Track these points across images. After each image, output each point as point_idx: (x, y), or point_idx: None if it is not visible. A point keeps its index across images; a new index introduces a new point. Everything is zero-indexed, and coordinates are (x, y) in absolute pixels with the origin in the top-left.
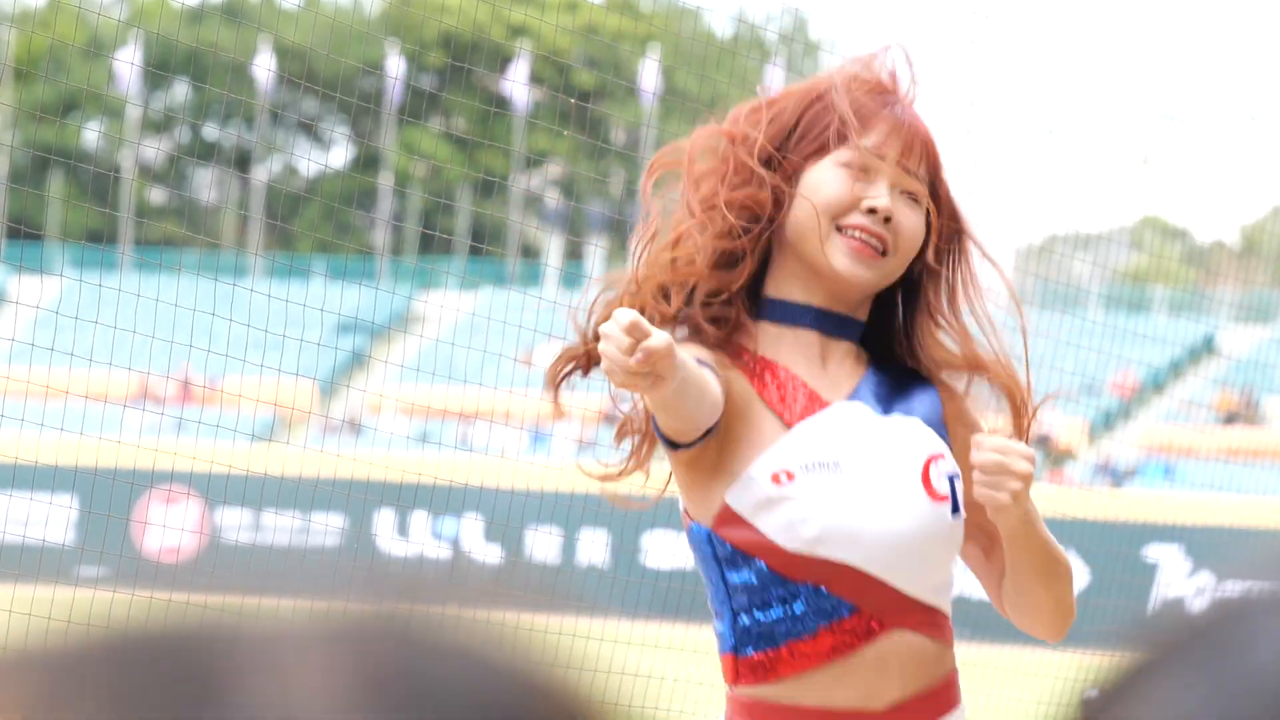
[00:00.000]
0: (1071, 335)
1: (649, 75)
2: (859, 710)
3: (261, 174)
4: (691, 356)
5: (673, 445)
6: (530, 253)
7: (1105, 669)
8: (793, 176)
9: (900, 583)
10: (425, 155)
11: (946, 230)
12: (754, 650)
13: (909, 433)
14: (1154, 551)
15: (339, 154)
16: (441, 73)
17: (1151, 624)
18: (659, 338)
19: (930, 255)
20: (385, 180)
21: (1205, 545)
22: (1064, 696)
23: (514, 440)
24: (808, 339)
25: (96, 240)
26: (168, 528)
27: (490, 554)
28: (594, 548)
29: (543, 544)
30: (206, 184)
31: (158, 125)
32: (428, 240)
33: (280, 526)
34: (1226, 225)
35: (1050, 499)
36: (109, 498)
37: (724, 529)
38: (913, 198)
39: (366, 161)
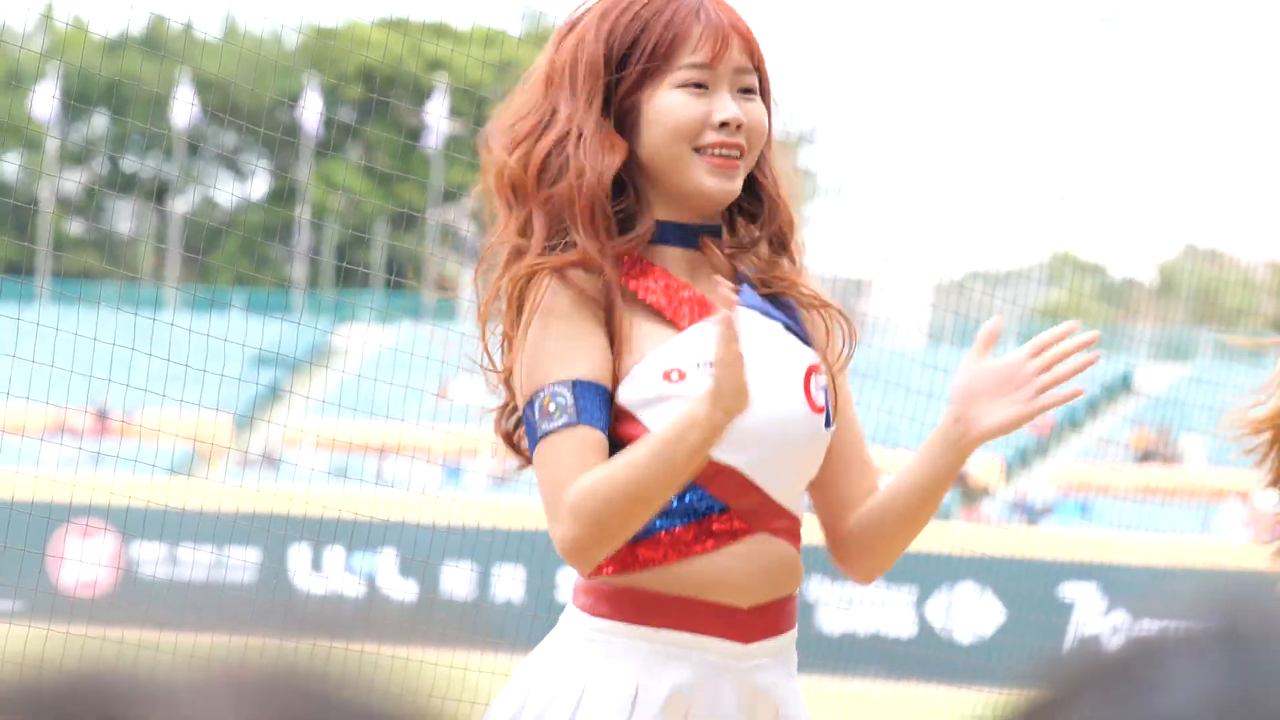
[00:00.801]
0: None
1: None
2: (727, 606)
3: (180, 206)
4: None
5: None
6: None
7: (1021, 706)
8: (630, 111)
9: (772, 488)
10: (343, 188)
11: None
12: None
13: (789, 341)
14: (1069, 590)
15: (258, 186)
16: (360, 106)
17: (1067, 661)
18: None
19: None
20: (303, 213)
21: (1121, 583)
22: None
23: (430, 475)
24: (674, 255)
25: (14, 272)
26: (83, 562)
27: (406, 590)
28: (510, 584)
29: (458, 580)
30: (124, 216)
31: (76, 157)
32: (345, 274)
33: (196, 561)
34: (1143, 263)
35: (965, 536)
36: (24, 531)
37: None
38: (748, 89)
39: (284, 194)
